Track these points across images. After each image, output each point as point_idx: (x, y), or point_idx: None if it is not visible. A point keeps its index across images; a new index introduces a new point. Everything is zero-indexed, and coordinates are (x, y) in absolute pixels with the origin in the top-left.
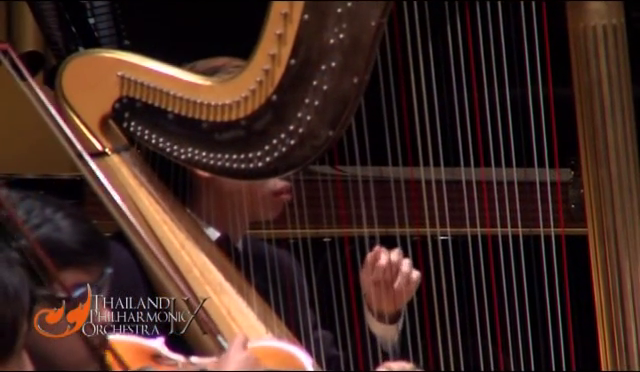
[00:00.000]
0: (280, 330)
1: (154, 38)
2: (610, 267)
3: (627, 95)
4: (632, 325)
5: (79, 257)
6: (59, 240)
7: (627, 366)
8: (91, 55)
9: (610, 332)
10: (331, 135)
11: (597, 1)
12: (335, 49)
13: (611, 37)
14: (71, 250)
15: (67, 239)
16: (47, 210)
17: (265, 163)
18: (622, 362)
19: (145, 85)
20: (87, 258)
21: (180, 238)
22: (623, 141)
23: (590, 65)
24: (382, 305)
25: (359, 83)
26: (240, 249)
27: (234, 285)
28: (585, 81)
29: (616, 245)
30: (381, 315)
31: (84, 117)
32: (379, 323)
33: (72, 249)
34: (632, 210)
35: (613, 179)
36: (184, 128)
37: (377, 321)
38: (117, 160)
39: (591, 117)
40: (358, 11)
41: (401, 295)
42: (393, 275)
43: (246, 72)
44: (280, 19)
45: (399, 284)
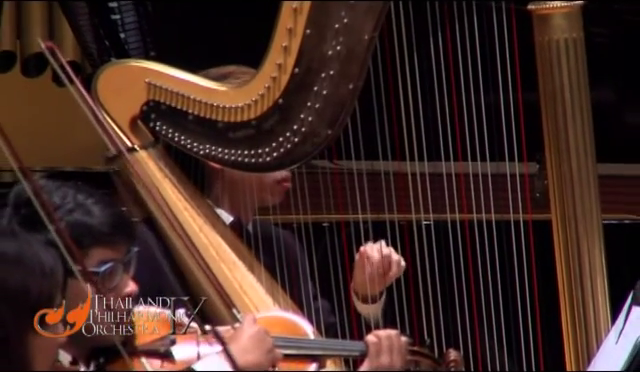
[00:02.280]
0: (285, 302)
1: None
2: (571, 248)
3: (585, 99)
4: (589, 299)
5: (107, 237)
6: (89, 222)
7: (585, 334)
8: (122, 65)
9: (571, 305)
10: (330, 134)
11: (560, 17)
12: (333, 59)
13: (572, 49)
14: (100, 231)
15: (96, 222)
16: (79, 196)
17: (272, 158)
18: (581, 331)
19: (169, 90)
20: (114, 238)
21: (199, 222)
22: (582, 139)
23: (554, 73)
24: (368, 290)
25: (354, 89)
26: (250, 231)
27: (245, 263)
28: (549, 87)
29: (576, 229)
30: (365, 298)
31: (116, 118)
32: (364, 304)
33: (101, 230)
34: (590, 199)
35: (573, 172)
36: (202, 127)
37: (362, 303)
38: (145, 155)
39: (554, 118)
40: (353, 26)
41: (389, 280)
42: (385, 266)
43: (256, 79)
44: (286, 33)
45: (394, 272)
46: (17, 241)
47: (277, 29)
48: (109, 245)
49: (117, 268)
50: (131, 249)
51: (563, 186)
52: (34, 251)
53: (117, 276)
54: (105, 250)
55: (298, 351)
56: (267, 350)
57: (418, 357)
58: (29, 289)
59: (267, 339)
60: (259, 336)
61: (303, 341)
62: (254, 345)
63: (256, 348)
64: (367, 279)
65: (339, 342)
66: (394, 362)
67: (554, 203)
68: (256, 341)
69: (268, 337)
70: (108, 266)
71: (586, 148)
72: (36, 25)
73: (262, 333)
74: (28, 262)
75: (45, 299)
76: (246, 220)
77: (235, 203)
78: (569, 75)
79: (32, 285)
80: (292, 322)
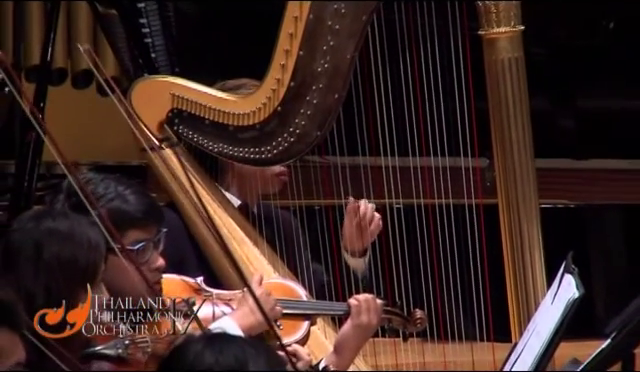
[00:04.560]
0: (284, 270)
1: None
2: (514, 227)
3: (525, 106)
4: (529, 268)
5: (141, 221)
6: (126, 209)
7: (525, 297)
8: (152, 79)
9: (514, 273)
10: (319, 134)
11: (504, 40)
12: (322, 74)
13: (514, 66)
14: (134, 216)
15: (132, 208)
16: (119, 187)
17: (273, 154)
18: (522, 294)
19: (189, 100)
20: (147, 222)
21: (213, 206)
22: (522, 139)
23: (500, 86)
24: (355, 245)
25: (339, 98)
26: (255, 213)
27: (251, 239)
28: (496, 97)
29: (518, 211)
30: (353, 252)
31: (147, 122)
32: (352, 258)
33: (135, 216)
34: (529, 187)
35: (515, 166)
36: (216, 130)
37: (351, 257)
38: (170, 152)
39: (500, 122)
40: (338, 48)
41: (371, 235)
42: (370, 217)
43: (260, 91)
44: (283, 54)
45: (375, 226)
46: (68, 220)
47: (276, 50)
48: (142, 227)
49: (149, 246)
50: (160, 230)
51: (507, 177)
52: (83, 229)
53: (148, 253)
54: (139, 231)
55: (294, 311)
56: (270, 309)
57: (391, 315)
58: (78, 259)
59: (270, 299)
60: (263, 297)
61: (298, 303)
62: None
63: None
64: (355, 233)
65: (327, 304)
66: (371, 319)
67: (500, 191)
68: (261, 300)
69: (272, 298)
70: (141, 245)
71: (526, 146)
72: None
73: (266, 295)
74: (78, 237)
75: (91, 268)
76: (251, 204)
77: (242, 190)
78: (512, 87)
79: (80, 256)
80: (289, 287)
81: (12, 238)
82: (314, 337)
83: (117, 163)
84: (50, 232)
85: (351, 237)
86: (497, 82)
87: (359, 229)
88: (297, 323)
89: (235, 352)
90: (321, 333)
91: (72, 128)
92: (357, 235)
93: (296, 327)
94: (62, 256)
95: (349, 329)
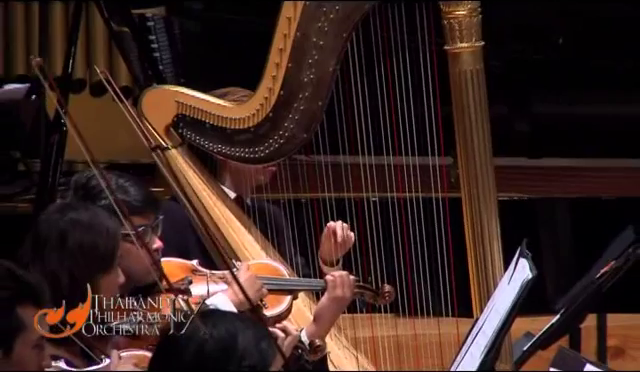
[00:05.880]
0: (274, 255)
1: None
2: (475, 217)
3: (485, 113)
4: (488, 253)
5: (139, 209)
6: (127, 199)
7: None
8: (160, 88)
9: (475, 257)
10: (305, 137)
11: (466, 54)
12: (307, 84)
13: (475, 77)
14: (134, 205)
15: (132, 199)
16: (120, 180)
17: (265, 154)
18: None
19: (192, 107)
20: (145, 209)
21: (213, 198)
22: (483, 141)
23: (463, 94)
24: (331, 257)
25: (322, 105)
26: (249, 204)
27: (245, 227)
28: (460, 103)
29: (478, 204)
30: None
31: (155, 126)
32: (326, 266)
33: (135, 205)
34: (488, 182)
35: (476, 164)
36: (216, 132)
37: (325, 266)
38: (175, 152)
39: (463, 126)
40: (322, 61)
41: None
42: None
43: (253, 99)
44: (274, 66)
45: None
46: (89, 212)
47: (268, 63)
48: (141, 214)
49: (147, 230)
50: (157, 217)
51: (469, 173)
52: (101, 219)
53: (148, 236)
54: (139, 218)
55: (278, 287)
56: (256, 289)
57: (362, 290)
58: (98, 246)
59: (257, 281)
60: (251, 280)
61: (281, 280)
62: (248, 286)
63: (249, 288)
64: (332, 247)
65: (307, 280)
66: (345, 293)
67: (463, 186)
68: (249, 283)
69: (257, 280)
70: (141, 229)
71: (485, 146)
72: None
73: (253, 277)
74: (97, 227)
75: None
76: (245, 196)
77: (237, 184)
78: (473, 95)
79: (100, 243)
80: (274, 267)
81: (39, 228)
82: (296, 309)
83: (130, 161)
84: (73, 222)
85: (329, 251)
86: (460, 90)
87: (335, 245)
88: (281, 297)
89: (227, 326)
90: (303, 306)
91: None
92: (333, 250)
93: (280, 301)
94: (84, 243)
95: (326, 301)
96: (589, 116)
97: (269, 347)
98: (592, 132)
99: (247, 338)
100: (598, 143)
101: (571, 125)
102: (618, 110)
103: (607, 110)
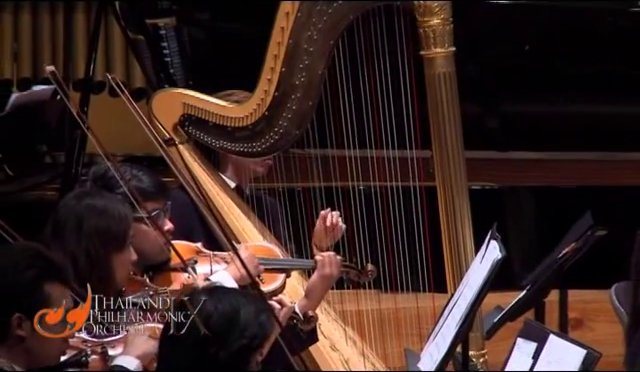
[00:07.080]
0: (271, 238)
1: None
2: (449, 204)
3: (457, 110)
4: (461, 236)
5: (154, 194)
6: (142, 186)
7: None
8: (169, 91)
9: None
10: (297, 133)
11: (440, 59)
12: (299, 86)
13: (448, 79)
14: (149, 191)
15: (146, 186)
16: (133, 170)
17: (262, 149)
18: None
19: (197, 107)
20: (157, 195)
21: (216, 188)
22: (454, 136)
23: (437, 94)
24: (323, 243)
25: (313, 104)
26: (247, 193)
27: (245, 214)
28: (434, 102)
29: (452, 192)
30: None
31: (164, 124)
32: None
33: (150, 190)
34: (460, 173)
35: (449, 156)
36: (218, 130)
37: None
38: (182, 147)
39: (437, 122)
40: (312, 65)
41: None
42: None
43: (251, 100)
44: (269, 70)
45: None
46: (103, 198)
47: (264, 68)
48: (155, 199)
49: (160, 214)
50: (167, 202)
51: (443, 165)
52: (114, 204)
53: (161, 218)
54: (153, 203)
55: (273, 266)
56: (254, 266)
57: (348, 268)
58: (111, 229)
59: (255, 259)
60: (250, 258)
61: (276, 260)
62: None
63: (248, 264)
64: (323, 233)
65: (298, 260)
66: (333, 271)
67: (438, 176)
68: (248, 260)
69: (255, 258)
70: (156, 212)
71: (457, 140)
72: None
73: (252, 256)
74: (110, 212)
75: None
76: (244, 186)
77: (237, 175)
78: (446, 94)
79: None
80: (269, 248)
81: (59, 213)
82: (290, 286)
83: (145, 154)
84: (89, 208)
85: (320, 236)
86: (435, 90)
87: (327, 232)
88: (275, 276)
89: (231, 301)
90: (296, 283)
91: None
92: (325, 236)
93: (275, 278)
94: (99, 227)
95: (316, 279)
96: (552, 114)
97: (268, 319)
98: (554, 128)
99: (248, 312)
100: (560, 138)
101: (536, 122)
102: (577, 109)
103: (568, 109)
